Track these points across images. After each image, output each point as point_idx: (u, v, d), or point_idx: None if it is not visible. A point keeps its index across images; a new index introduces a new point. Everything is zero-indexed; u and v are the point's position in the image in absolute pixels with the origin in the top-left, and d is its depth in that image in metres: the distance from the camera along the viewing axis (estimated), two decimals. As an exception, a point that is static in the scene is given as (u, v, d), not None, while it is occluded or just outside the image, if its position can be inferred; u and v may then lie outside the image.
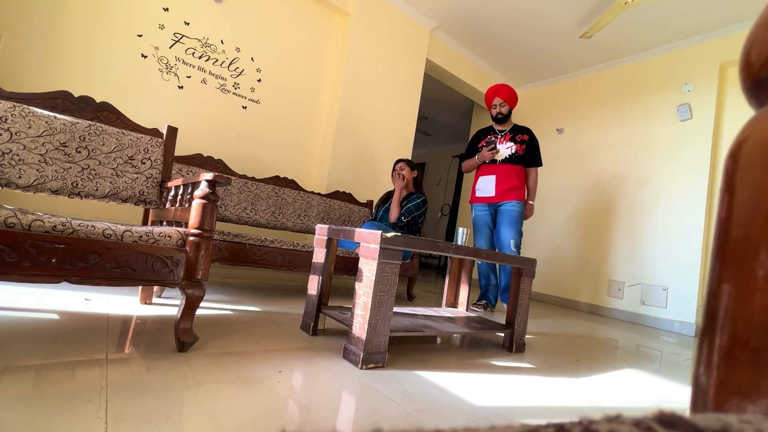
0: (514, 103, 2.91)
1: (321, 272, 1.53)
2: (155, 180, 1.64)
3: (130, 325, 1.30)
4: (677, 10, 3.18)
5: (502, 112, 2.87)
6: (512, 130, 2.91)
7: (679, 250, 3.32)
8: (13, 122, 1.35)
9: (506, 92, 2.85)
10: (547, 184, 4.47)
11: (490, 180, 2.86)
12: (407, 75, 3.70)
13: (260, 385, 0.94)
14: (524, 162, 2.86)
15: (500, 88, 2.87)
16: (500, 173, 2.84)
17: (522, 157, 2.84)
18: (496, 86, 2.89)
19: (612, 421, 0.15)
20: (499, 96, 2.86)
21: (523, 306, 1.72)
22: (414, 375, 1.20)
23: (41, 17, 2.13)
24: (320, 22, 3.27)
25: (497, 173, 2.85)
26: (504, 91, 2.85)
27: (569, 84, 4.47)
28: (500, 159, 2.85)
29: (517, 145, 2.84)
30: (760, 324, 0.22)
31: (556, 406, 1.14)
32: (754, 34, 0.26)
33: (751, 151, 0.25)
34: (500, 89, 2.87)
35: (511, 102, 2.88)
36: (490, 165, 2.89)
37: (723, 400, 0.23)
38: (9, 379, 0.79)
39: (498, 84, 2.90)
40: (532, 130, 2.94)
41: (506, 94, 2.85)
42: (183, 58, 2.60)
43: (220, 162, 2.48)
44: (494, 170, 2.88)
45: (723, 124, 3.35)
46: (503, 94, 2.86)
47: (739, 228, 0.24)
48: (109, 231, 0.99)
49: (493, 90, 2.87)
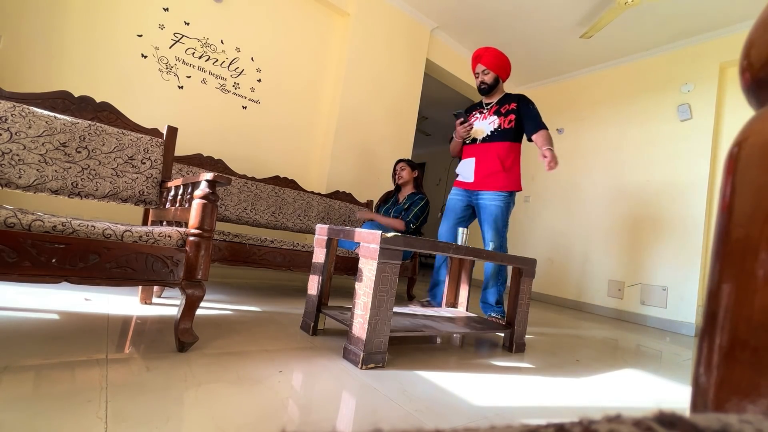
0: (501, 70, 2.33)
1: (321, 272, 1.53)
2: (155, 180, 1.64)
3: (130, 325, 1.30)
4: (677, 10, 3.18)
5: (486, 82, 2.32)
6: (499, 102, 2.36)
7: (679, 250, 3.32)
8: (13, 122, 1.35)
9: (489, 57, 2.30)
10: (547, 184, 4.47)
11: (470, 163, 2.36)
12: (407, 75, 3.70)
13: (260, 385, 0.94)
14: (515, 136, 2.29)
15: (483, 52, 2.32)
16: (480, 154, 2.33)
17: (510, 130, 2.27)
18: (479, 51, 2.34)
19: (612, 421, 0.15)
20: (481, 62, 2.31)
21: (523, 306, 1.72)
22: (414, 375, 1.20)
23: (41, 17, 2.13)
24: (320, 22, 3.27)
25: (477, 154, 2.34)
26: (487, 56, 2.30)
27: (569, 84, 4.47)
28: (481, 137, 2.35)
29: (502, 117, 2.29)
30: (760, 324, 0.22)
31: (556, 406, 1.14)
32: (754, 34, 0.26)
33: (751, 151, 0.25)
34: (482, 54, 2.32)
35: (496, 69, 2.31)
36: (472, 145, 2.39)
37: (723, 400, 0.23)
38: (9, 379, 0.79)
39: (482, 48, 2.35)
40: (525, 96, 2.34)
41: (489, 59, 2.30)
42: (183, 58, 2.60)
43: (220, 162, 2.48)
44: (474, 150, 2.37)
45: (723, 124, 3.35)
46: (486, 60, 2.30)
47: (739, 228, 0.24)
48: (109, 231, 0.99)
49: (475, 55, 2.34)
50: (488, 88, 2.34)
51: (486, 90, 2.35)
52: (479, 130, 2.36)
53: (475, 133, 2.37)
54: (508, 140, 2.28)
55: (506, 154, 2.28)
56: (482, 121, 2.36)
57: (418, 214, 2.67)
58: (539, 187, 4.53)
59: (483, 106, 2.43)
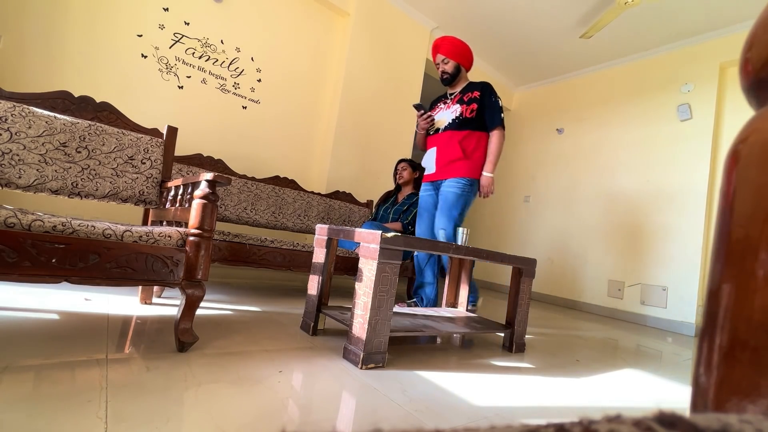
0: (462, 59, 2.25)
1: (321, 272, 1.53)
2: (155, 180, 1.64)
3: (130, 325, 1.30)
4: (677, 10, 3.18)
5: (447, 71, 2.26)
6: (463, 90, 2.28)
7: (679, 250, 3.32)
8: (13, 122, 1.35)
9: (448, 46, 2.22)
10: (547, 184, 4.47)
11: (431, 153, 2.31)
12: (407, 75, 3.70)
13: (260, 385, 0.94)
14: (475, 125, 2.20)
15: (441, 42, 2.24)
16: (441, 143, 2.27)
17: (472, 120, 2.19)
18: (437, 40, 2.25)
19: (612, 421, 0.15)
20: (440, 52, 2.24)
21: (523, 306, 1.72)
22: (414, 375, 1.20)
23: (42, 17, 2.13)
24: (320, 22, 3.27)
25: (438, 143, 2.28)
26: (445, 46, 2.22)
27: (569, 84, 4.47)
28: (443, 126, 2.27)
29: (464, 106, 2.21)
30: (760, 324, 0.22)
31: (556, 406, 1.14)
32: (754, 34, 0.26)
33: (751, 151, 0.25)
34: (441, 44, 2.24)
35: (456, 57, 2.23)
36: (435, 135, 2.33)
37: (723, 400, 0.23)
38: (9, 379, 0.79)
39: (439, 37, 2.27)
40: (489, 85, 2.24)
41: (448, 48, 2.22)
42: (183, 58, 2.60)
43: (220, 162, 2.48)
44: (436, 140, 2.31)
45: (723, 124, 3.35)
46: (445, 49, 2.23)
47: (739, 228, 0.24)
48: (109, 231, 0.99)
49: (434, 45, 2.26)
50: (450, 78, 2.28)
51: (448, 80, 2.29)
52: (441, 120, 2.30)
53: (438, 123, 2.31)
54: (470, 129, 2.20)
55: (467, 142, 2.21)
56: (445, 111, 2.31)
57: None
58: (539, 187, 4.53)
59: (447, 97, 2.36)
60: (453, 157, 2.20)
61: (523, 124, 4.89)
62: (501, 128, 2.19)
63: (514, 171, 4.85)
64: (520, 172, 4.76)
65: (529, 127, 4.80)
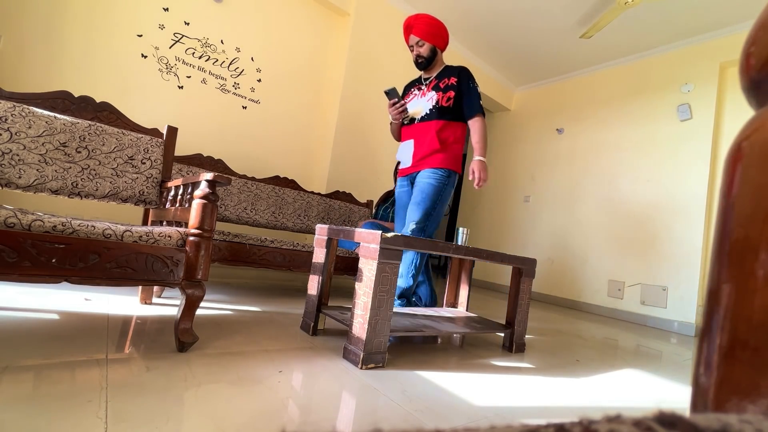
0: (438, 39, 2.05)
1: (321, 272, 1.53)
2: (155, 180, 1.64)
3: (130, 325, 1.30)
4: (677, 10, 3.18)
5: (422, 55, 2.06)
6: (439, 75, 2.10)
7: (679, 250, 3.32)
8: (13, 122, 1.35)
9: (422, 26, 2.01)
10: (547, 184, 4.47)
11: (408, 146, 2.11)
12: (407, 75, 3.69)
13: (260, 385, 0.94)
14: (452, 114, 2.05)
15: (414, 21, 2.02)
16: (418, 135, 2.08)
17: (449, 108, 2.03)
18: (409, 20, 2.03)
19: (612, 421, 0.15)
20: (414, 33, 2.03)
21: (523, 306, 1.72)
22: (414, 375, 1.20)
23: (41, 17, 2.13)
24: (320, 22, 3.27)
25: (415, 135, 2.10)
26: (419, 26, 2.01)
27: (569, 84, 4.48)
28: (420, 116, 2.09)
29: (440, 93, 2.04)
30: (760, 324, 0.22)
31: (556, 406, 1.14)
32: (754, 34, 0.26)
33: (751, 151, 0.25)
34: (414, 23, 2.02)
35: (431, 39, 2.03)
36: (411, 125, 2.12)
37: (723, 400, 0.23)
38: (9, 379, 0.79)
39: (412, 16, 2.04)
40: (467, 70, 2.07)
41: (422, 29, 2.01)
42: (183, 58, 2.60)
43: (220, 162, 2.48)
44: (413, 131, 2.11)
45: (723, 124, 3.35)
46: (419, 30, 2.01)
47: (739, 228, 0.24)
48: (109, 231, 0.99)
49: (406, 25, 2.05)
50: (426, 62, 2.07)
51: (423, 64, 2.09)
52: (417, 110, 2.10)
53: (413, 113, 2.11)
54: (447, 118, 2.04)
55: (445, 133, 2.05)
56: (420, 99, 2.11)
57: None
58: (539, 187, 4.53)
59: (422, 82, 2.16)
60: (431, 149, 2.03)
61: (523, 124, 4.89)
62: (481, 115, 2.04)
63: (514, 171, 4.84)
64: (520, 172, 4.76)
65: (529, 127, 4.80)
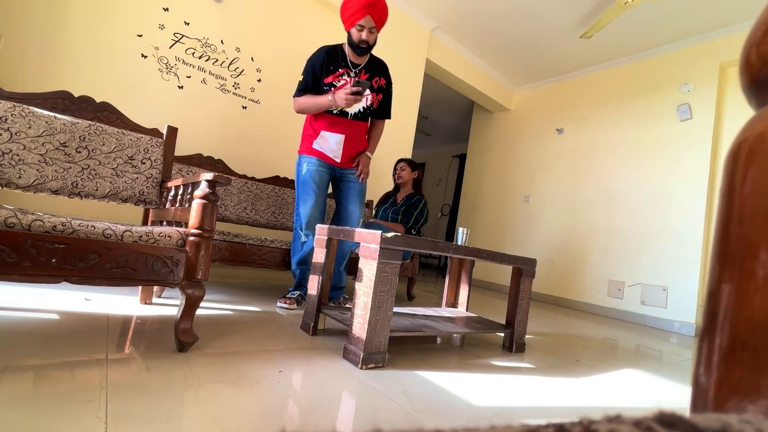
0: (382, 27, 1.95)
1: (321, 272, 1.53)
2: (155, 180, 1.64)
3: (130, 325, 1.30)
4: (677, 10, 3.18)
5: (370, 42, 1.91)
6: (370, 68, 2.01)
7: (679, 250, 3.32)
8: (13, 122, 1.35)
9: (382, 14, 1.88)
10: (547, 184, 4.47)
11: (338, 140, 1.99)
12: (407, 75, 3.70)
13: (260, 385, 0.94)
14: (374, 115, 2.09)
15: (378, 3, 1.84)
16: (350, 133, 2.01)
17: (375, 110, 2.06)
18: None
19: (612, 421, 0.15)
20: (373, 16, 1.85)
21: (523, 306, 1.72)
22: (414, 375, 1.20)
23: (41, 17, 2.13)
24: (320, 22, 3.27)
25: (347, 133, 2.00)
26: (381, 8, 1.86)
27: (569, 84, 4.48)
28: (353, 111, 1.99)
29: (373, 94, 2.01)
30: (760, 324, 0.22)
31: (556, 406, 1.14)
32: (754, 34, 0.26)
33: (751, 151, 0.25)
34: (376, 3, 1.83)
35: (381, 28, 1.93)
36: (342, 119, 1.99)
37: (723, 400, 0.23)
38: (9, 379, 0.79)
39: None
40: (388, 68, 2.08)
41: (381, 16, 1.88)
42: (183, 58, 2.60)
43: (220, 162, 2.48)
44: (344, 128, 2.00)
45: (723, 124, 3.35)
46: (378, 14, 1.86)
47: (739, 228, 0.24)
48: (109, 231, 0.99)
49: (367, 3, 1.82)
50: (368, 50, 1.96)
51: (365, 51, 1.95)
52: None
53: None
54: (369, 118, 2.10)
55: (367, 132, 2.12)
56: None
57: (418, 217, 2.68)
58: (539, 187, 4.53)
59: (349, 66, 1.98)
60: (361, 148, 2.09)
61: (523, 124, 4.89)
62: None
63: (514, 171, 4.85)
64: (520, 172, 4.77)
65: (529, 127, 4.80)
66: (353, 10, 1.84)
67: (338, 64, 1.98)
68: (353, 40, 1.91)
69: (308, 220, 1.95)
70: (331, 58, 1.98)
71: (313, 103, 1.94)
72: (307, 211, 1.95)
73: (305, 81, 1.97)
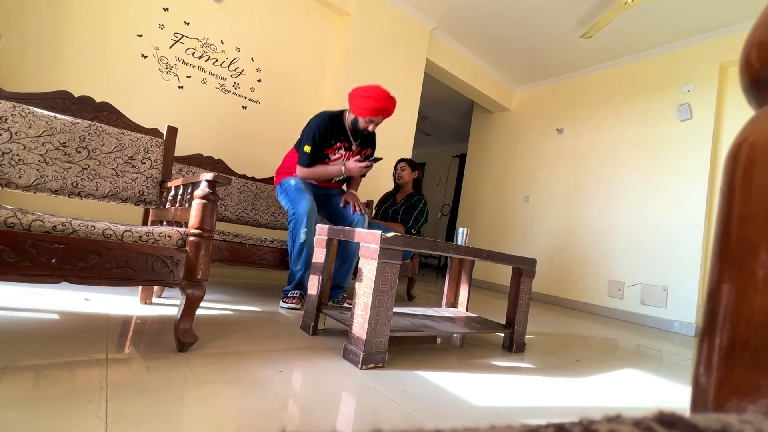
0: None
1: (321, 272, 1.53)
2: (155, 180, 1.64)
3: (130, 325, 1.30)
4: (677, 10, 3.18)
5: (371, 131, 2.08)
6: (364, 140, 2.17)
7: (679, 250, 3.32)
8: (13, 122, 1.35)
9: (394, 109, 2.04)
10: (547, 184, 4.47)
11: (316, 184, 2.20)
12: (407, 75, 3.70)
13: (260, 385, 0.94)
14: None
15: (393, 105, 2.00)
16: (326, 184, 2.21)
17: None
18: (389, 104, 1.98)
19: (612, 421, 0.15)
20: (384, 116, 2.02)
21: (523, 306, 1.72)
22: (414, 375, 1.20)
23: (41, 17, 2.13)
24: (320, 22, 3.27)
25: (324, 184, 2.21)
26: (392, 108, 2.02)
27: (569, 84, 4.48)
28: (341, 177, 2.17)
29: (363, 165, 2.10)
30: (760, 324, 0.22)
31: (556, 406, 1.14)
32: (754, 34, 0.26)
33: (751, 151, 0.25)
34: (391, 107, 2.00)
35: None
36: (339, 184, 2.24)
37: (723, 400, 0.23)
38: (9, 379, 0.79)
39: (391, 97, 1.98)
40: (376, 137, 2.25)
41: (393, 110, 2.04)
42: (183, 58, 2.60)
43: (220, 162, 2.48)
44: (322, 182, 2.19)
45: (723, 124, 3.35)
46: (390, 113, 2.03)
47: (739, 228, 0.24)
48: (109, 231, 0.99)
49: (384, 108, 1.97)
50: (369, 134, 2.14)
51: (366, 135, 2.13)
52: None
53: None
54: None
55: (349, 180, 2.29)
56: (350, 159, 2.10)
57: (418, 217, 2.68)
58: (539, 187, 4.53)
59: (349, 141, 2.11)
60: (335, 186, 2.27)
61: (523, 124, 4.89)
62: None
63: (514, 171, 4.85)
64: (520, 172, 4.77)
65: (529, 127, 4.80)
66: (368, 106, 1.94)
67: (339, 137, 2.09)
68: (359, 126, 2.03)
69: (308, 212, 1.92)
70: (334, 131, 2.07)
71: (324, 172, 2.07)
72: (305, 207, 1.93)
73: (311, 153, 2.03)
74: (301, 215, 1.94)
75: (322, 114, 2.09)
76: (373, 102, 1.94)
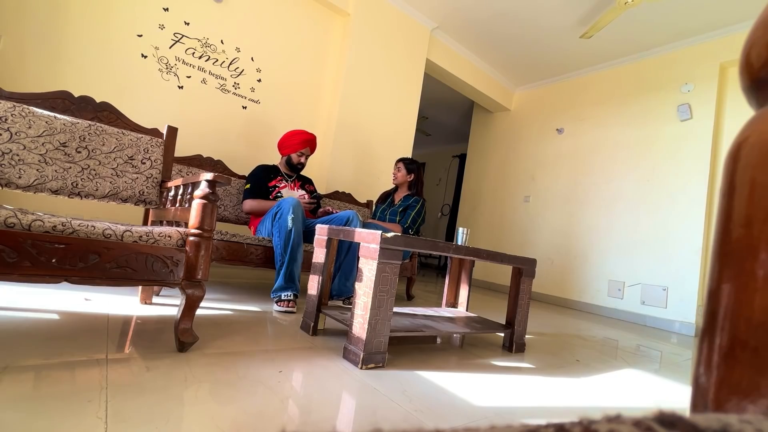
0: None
1: (321, 272, 1.53)
2: (155, 180, 1.64)
3: (130, 325, 1.30)
4: (677, 10, 3.18)
5: (304, 164, 2.44)
6: (300, 178, 2.52)
7: (679, 250, 3.32)
8: (13, 122, 1.35)
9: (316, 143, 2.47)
10: (547, 184, 4.47)
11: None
12: (407, 75, 3.70)
13: (260, 385, 0.94)
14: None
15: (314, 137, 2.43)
16: None
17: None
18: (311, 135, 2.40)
19: (612, 421, 0.15)
20: (311, 147, 2.42)
21: (523, 306, 1.72)
22: (414, 375, 1.20)
23: (41, 17, 2.13)
24: (320, 22, 3.27)
25: None
26: (315, 143, 2.46)
27: (569, 84, 4.47)
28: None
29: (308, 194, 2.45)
30: (760, 324, 0.22)
31: (556, 406, 1.14)
32: (754, 34, 0.26)
33: (751, 151, 0.25)
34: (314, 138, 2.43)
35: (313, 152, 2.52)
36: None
37: (723, 400, 0.23)
38: (9, 379, 0.79)
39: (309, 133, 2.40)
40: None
41: (315, 145, 2.47)
42: (183, 58, 2.60)
43: (219, 163, 2.48)
44: None
45: (723, 124, 3.35)
46: (314, 145, 2.45)
47: (739, 228, 0.24)
48: (109, 231, 0.99)
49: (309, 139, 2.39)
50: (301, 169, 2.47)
51: (299, 170, 2.46)
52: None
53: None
54: None
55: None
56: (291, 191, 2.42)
57: (416, 217, 2.68)
58: (539, 187, 4.53)
59: (284, 176, 2.43)
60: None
61: (523, 124, 4.89)
62: None
63: (514, 171, 4.85)
64: (520, 172, 4.77)
65: (529, 127, 4.80)
66: (295, 142, 2.36)
67: (276, 176, 2.42)
68: (293, 162, 2.41)
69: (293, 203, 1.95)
70: (270, 173, 2.40)
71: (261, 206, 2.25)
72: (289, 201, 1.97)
73: (252, 188, 2.30)
74: (285, 206, 1.96)
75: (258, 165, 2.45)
76: (298, 136, 2.35)
